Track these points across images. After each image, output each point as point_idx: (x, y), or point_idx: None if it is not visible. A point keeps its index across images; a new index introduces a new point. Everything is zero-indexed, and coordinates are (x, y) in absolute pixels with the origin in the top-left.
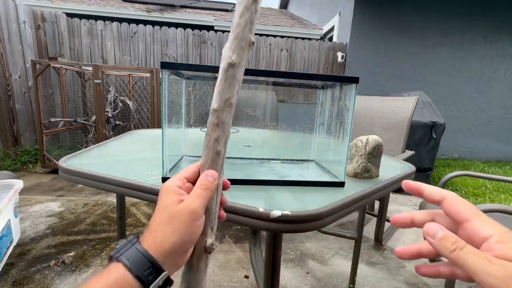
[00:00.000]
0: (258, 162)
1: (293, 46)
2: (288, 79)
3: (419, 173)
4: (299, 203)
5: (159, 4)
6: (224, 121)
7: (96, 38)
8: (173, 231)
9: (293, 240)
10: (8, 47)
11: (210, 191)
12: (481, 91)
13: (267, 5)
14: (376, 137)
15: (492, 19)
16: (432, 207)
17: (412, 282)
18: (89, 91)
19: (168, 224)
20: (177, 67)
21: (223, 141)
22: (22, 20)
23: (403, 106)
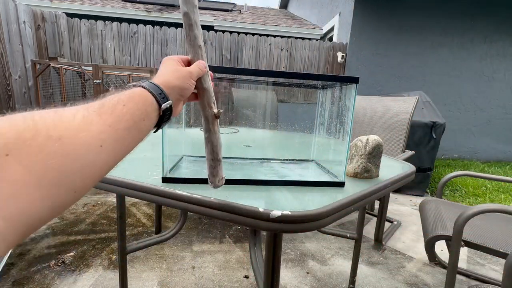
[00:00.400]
0: (258, 162)
1: (293, 46)
2: (288, 79)
3: (419, 173)
4: (299, 203)
5: (159, 4)
6: (195, 20)
7: (96, 38)
8: (177, 78)
9: (293, 240)
10: (8, 47)
11: (201, 70)
12: (481, 91)
13: (267, 5)
14: (376, 137)
15: (492, 19)
16: (432, 207)
17: (412, 282)
18: (89, 91)
19: (174, 72)
20: None
21: (200, 38)
22: (22, 20)
23: (403, 106)
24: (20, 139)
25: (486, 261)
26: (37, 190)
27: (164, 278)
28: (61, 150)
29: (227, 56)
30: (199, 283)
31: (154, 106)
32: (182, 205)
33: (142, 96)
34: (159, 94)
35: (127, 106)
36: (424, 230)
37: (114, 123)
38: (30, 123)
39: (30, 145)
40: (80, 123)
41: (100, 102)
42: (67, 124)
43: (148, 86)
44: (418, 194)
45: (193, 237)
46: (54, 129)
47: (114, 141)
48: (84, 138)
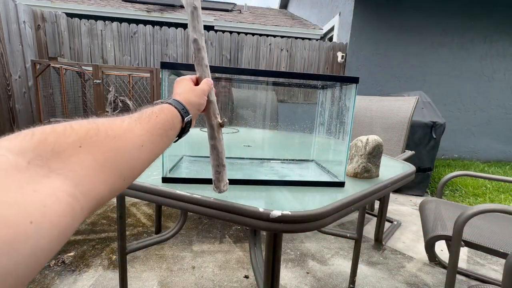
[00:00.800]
0: (258, 162)
1: (293, 46)
2: (288, 79)
3: (419, 173)
4: (299, 203)
5: (159, 4)
6: (203, 45)
7: (96, 38)
8: (195, 95)
9: (293, 240)
10: (8, 47)
11: (209, 86)
12: (481, 91)
13: (267, 5)
14: (376, 137)
15: (492, 19)
16: (432, 207)
17: (412, 282)
18: (89, 91)
19: (192, 91)
20: (177, 67)
21: (206, 58)
22: (22, 20)
23: (403, 106)
24: (88, 135)
25: (486, 261)
26: (100, 174)
27: (164, 278)
28: (115, 146)
29: (227, 56)
30: (199, 283)
31: (179, 119)
32: (182, 205)
33: (170, 110)
34: (182, 109)
35: (159, 117)
36: (424, 230)
37: (150, 129)
38: (94, 125)
39: (95, 140)
40: (127, 127)
41: (139, 113)
42: (118, 127)
43: (174, 103)
44: (418, 194)
45: (193, 237)
46: (111, 130)
47: (151, 143)
48: (131, 138)
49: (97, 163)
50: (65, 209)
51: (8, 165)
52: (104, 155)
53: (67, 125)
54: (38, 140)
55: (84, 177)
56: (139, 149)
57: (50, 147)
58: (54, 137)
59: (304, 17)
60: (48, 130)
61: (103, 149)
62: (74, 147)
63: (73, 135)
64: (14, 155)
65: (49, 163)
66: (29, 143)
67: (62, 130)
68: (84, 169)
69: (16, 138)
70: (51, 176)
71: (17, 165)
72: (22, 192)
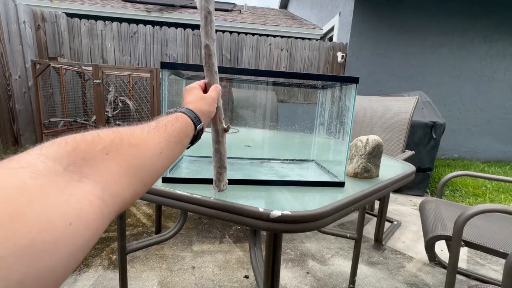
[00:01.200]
0: (258, 162)
1: (293, 46)
2: (288, 79)
3: (419, 173)
4: (299, 203)
5: (159, 4)
6: (214, 51)
7: (96, 38)
8: (205, 104)
9: (293, 240)
10: (8, 47)
11: (218, 92)
12: (481, 91)
13: (267, 5)
14: (376, 137)
15: (492, 19)
16: (432, 207)
17: (412, 282)
18: (89, 91)
19: (202, 100)
20: (177, 67)
21: (216, 65)
22: (22, 20)
23: (403, 106)
24: (113, 143)
25: (486, 261)
26: (124, 179)
27: (164, 278)
28: (137, 153)
29: (227, 56)
30: (199, 283)
31: (192, 127)
32: (182, 205)
33: (184, 119)
34: (195, 117)
35: (175, 125)
36: (424, 230)
37: (167, 137)
38: (118, 134)
39: (119, 148)
40: (146, 135)
41: (155, 122)
42: (139, 135)
43: (187, 112)
44: (418, 194)
45: (193, 237)
46: (133, 138)
47: (168, 150)
48: (151, 145)
49: (122, 169)
50: (96, 211)
51: (48, 171)
52: (128, 161)
53: (95, 134)
54: (71, 147)
55: (111, 182)
56: (158, 156)
57: (81, 154)
58: (85, 145)
59: (304, 17)
60: (79, 139)
61: (127, 156)
62: (102, 154)
63: (101, 143)
64: (52, 162)
65: (81, 169)
66: (63, 150)
67: (91, 139)
68: (111, 174)
69: (52, 146)
70: (83, 181)
71: (56, 170)
72: (62, 195)
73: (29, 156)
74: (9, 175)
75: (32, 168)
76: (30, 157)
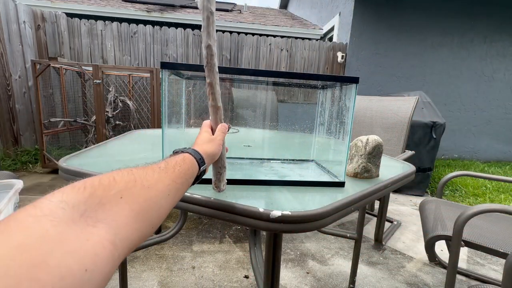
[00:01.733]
0: (258, 162)
1: (293, 46)
2: (288, 79)
3: (419, 173)
4: (299, 203)
5: (159, 4)
6: (215, 51)
7: (96, 38)
8: (211, 146)
9: (293, 240)
10: (8, 47)
11: (224, 133)
12: (481, 91)
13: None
14: (376, 137)
15: (492, 19)
16: (432, 207)
17: (412, 282)
18: (89, 91)
19: (210, 142)
20: (177, 67)
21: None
22: (22, 20)
23: (403, 106)
24: (127, 186)
25: (486, 261)
26: (135, 223)
27: (164, 278)
28: (149, 195)
29: (227, 56)
30: (199, 283)
31: (197, 168)
32: (182, 205)
33: (190, 160)
34: (200, 159)
35: (182, 167)
36: (424, 230)
37: (175, 178)
38: (132, 176)
39: (133, 191)
40: (158, 177)
41: (165, 162)
42: (151, 177)
43: (194, 154)
44: (418, 194)
45: (193, 237)
46: (146, 180)
47: (175, 191)
48: (161, 188)
49: (133, 212)
50: (109, 256)
51: (67, 217)
52: (140, 204)
53: (111, 178)
54: (89, 193)
55: (122, 226)
56: (166, 198)
57: (98, 199)
58: (101, 190)
59: (304, 17)
60: (96, 184)
61: (139, 199)
62: (116, 198)
63: (116, 187)
64: (71, 208)
65: (96, 213)
66: (81, 196)
67: (107, 183)
68: (123, 218)
69: (72, 192)
70: (98, 226)
71: (73, 217)
72: (79, 241)
73: (50, 203)
74: (33, 223)
75: (53, 216)
76: (51, 205)
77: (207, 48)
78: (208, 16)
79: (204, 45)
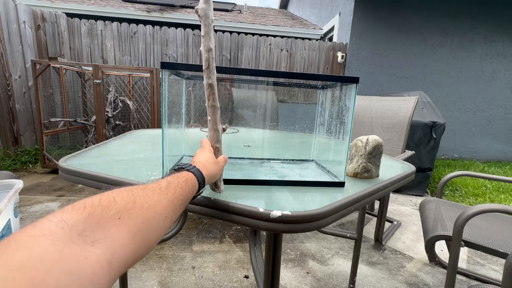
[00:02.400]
0: (258, 162)
1: (293, 46)
2: (288, 79)
3: (419, 173)
4: (299, 203)
5: (159, 4)
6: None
7: (96, 38)
8: (215, 169)
9: (293, 240)
10: (8, 47)
11: (225, 163)
12: (481, 91)
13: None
14: (376, 137)
15: (492, 19)
16: (432, 207)
17: (412, 282)
18: (89, 91)
19: (214, 165)
20: (177, 67)
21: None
22: (22, 20)
23: (403, 106)
24: (126, 207)
25: (486, 261)
26: (132, 244)
27: (164, 278)
28: (147, 217)
29: (227, 56)
30: (199, 283)
31: (196, 188)
32: None
33: (193, 183)
34: (202, 181)
35: (183, 188)
36: (424, 230)
37: (174, 200)
38: (132, 197)
39: (132, 212)
40: (157, 199)
41: (166, 182)
42: (150, 198)
43: (198, 176)
44: (418, 194)
45: (193, 237)
46: (145, 202)
47: (173, 212)
48: (159, 209)
49: (131, 234)
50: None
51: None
52: (137, 226)
53: (111, 199)
54: (88, 213)
55: (119, 247)
56: (164, 220)
57: (96, 219)
58: (100, 210)
59: (304, 17)
60: (96, 204)
61: (137, 220)
62: (115, 219)
63: (115, 208)
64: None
65: (95, 233)
66: (81, 216)
67: (106, 204)
68: (121, 239)
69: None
70: (96, 245)
71: (72, 236)
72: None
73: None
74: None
75: (52, 235)
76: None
77: (209, 51)
78: (210, 23)
79: (206, 49)
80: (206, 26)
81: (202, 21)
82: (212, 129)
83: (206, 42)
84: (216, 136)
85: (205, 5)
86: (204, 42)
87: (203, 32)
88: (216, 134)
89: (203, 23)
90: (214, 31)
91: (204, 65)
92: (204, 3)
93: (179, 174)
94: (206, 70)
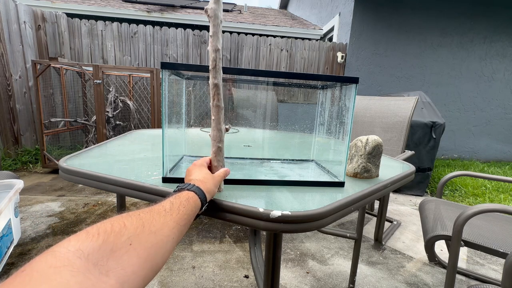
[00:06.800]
0: (258, 162)
1: (293, 46)
2: (288, 79)
3: (419, 173)
4: (299, 203)
5: (159, 4)
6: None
7: (96, 38)
8: (212, 184)
9: (293, 240)
10: (8, 47)
11: (226, 175)
12: (480, 91)
13: (267, 5)
14: (376, 137)
15: (492, 19)
16: (432, 207)
17: (412, 282)
18: (89, 91)
19: (211, 180)
20: (177, 67)
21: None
22: (23, 20)
23: (403, 106)
24: (136, 233)
25: (486, 261)
26: (142, 270)
27: (164, 278)
28: (155, 241)
29: (227, 56)
30: (199, 283)
31: (199, 206)
32: None
33: (195, 201)
34: (204, 199)
35: (186, 207)
36: (424, 230)
37: (179, 220)
38: (140, 222)
39: (141, 237)
40: (163, 221)
41: (170, 203)
42: (157, 222)
43: (200, 194)
44: (418, 194)
45: (193, 237)
46: (152, 226)
47: (178, 233)
48: (166, 232)
49: (141, 259)
50: None
51: (84, 267)
52: (147, 250)
53: (122, 224)
54: (103, 240)
55: (130, 275)
56: (171, 242)
57: (110, 246)
58: (113, 237)
59: (304, 17)
60: (109, 230)
61: (147, 244)
62: (126, 245)
63: (126, 234)
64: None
65: (108, 262)
66: (96, 243)
67: (118, 230)
68: (132, 266)
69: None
70: (109, 275)
71: (88, 266)
72: None
73: (68, 252)
74: (55, 275)
75: (71, 266)
76: (69, 254)
77: (217, 52)
78: (219, 23)
79: (214, 49)
80: (215, 26)
81: (211, 21)
82: (216, 128)
83: (214, 42)
84: (219, 136)
85: (215, 5)
86: (212, 42)
87: (211, 32)
88: (220, 134)
89: (212, 23)
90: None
91: (211, 65)
92: (214, 3)
93: (180, 194)
94: (213, 70)
